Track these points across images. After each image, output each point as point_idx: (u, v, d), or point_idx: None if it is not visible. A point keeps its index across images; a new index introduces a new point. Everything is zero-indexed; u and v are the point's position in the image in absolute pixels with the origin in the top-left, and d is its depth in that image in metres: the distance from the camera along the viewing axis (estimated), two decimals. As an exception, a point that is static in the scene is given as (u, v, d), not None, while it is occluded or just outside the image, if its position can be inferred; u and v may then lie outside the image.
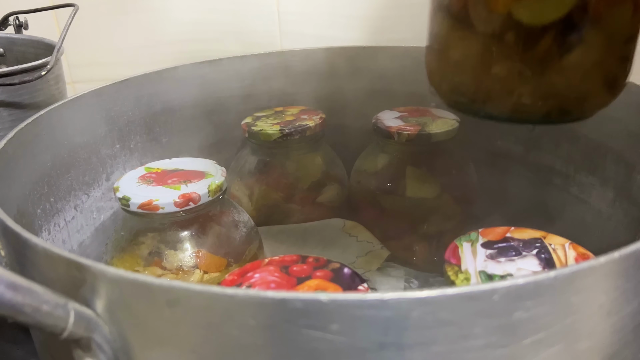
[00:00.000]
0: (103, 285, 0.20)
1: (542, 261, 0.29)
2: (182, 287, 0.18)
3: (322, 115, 0.50)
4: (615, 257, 0.19)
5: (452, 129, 0.45)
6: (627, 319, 0.21)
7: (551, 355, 0.20)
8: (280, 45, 0.73)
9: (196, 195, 0.35)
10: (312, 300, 0.17)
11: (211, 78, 0.52)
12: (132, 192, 0.35)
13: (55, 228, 0.39)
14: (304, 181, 0.48)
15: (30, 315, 0.18)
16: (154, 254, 0.36)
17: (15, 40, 0.57)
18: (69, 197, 0.41)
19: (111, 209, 0.46)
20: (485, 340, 0.19)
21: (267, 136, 0.46)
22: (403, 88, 0.55)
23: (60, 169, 0.40)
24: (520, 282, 0.18)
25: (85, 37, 0.71)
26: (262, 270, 0.29)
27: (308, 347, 0.18)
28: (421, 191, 0.46)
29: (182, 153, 0.52)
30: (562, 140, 0.46)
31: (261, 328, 0.18)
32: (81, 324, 0.20)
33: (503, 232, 0.32)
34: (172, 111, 0.51)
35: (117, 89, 0.46)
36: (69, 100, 0.41)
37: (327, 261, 0.29)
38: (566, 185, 0.46)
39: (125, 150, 0.47)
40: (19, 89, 0.43)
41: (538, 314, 0.19)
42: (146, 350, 0.21)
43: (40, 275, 0.23)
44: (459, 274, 0.28)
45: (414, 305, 0.18)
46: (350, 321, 0.18)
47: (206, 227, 0.37)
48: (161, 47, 0.72)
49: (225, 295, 0.18)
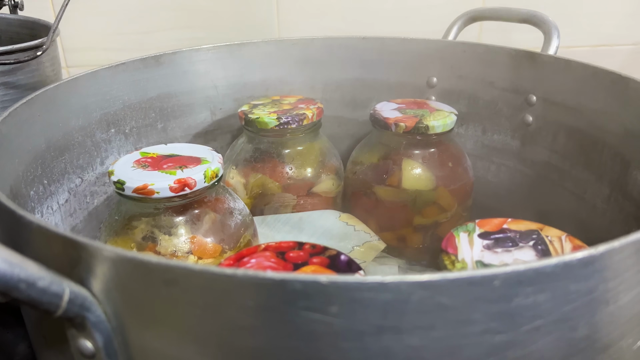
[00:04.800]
0: (99, 264, 0.20)
1: (539, 252, 0.29)
2: (180, 266, 0.18)
3: (319, 104, 0.49)
4: (615, 246, 0.19)
5: (449, 121, 0.45)
6: (624, 308, 0.21)
7: (549, 343, 0.20)
8: (278, 34, 0.73)
9: (192, 181, 0.35)
10: (312, 281, 0.17)
11: (208, 65, 0.52)
12: (127, 176, 0.35)
13: (48, 211, 0.38)
14: (299, 171, 0.48)
15: (24, 292, 0.18)
16: (147, 239, 0.36)
17: (10, 20, 0.56)
18: (63, 180, 0.40)
19: (105, 193, 0.46)
20: (484, 326, 0.19)
21: (264, 124, 0.46)
22: (401, 80, 0.55)
23: (55, 152, 0.39)
24: (521, 268, 0.18)
25: (81, 21, 0.70)
26: (258, 256, 0.28)
27: (306, 329, 0.18)
28: (417, 183, 0.46)
29: (178, 139, 0.52)
30: (559, 136, 0.46)
31: (259, 309, 0.18)
32: (76, 303, 0.19)
33: (500, 223, 0.32)
34: (169, 97, 0.50)
35: (114, 73, 0.45)
36: (64, 82, 0.40)
37: (324, 248, 0.29)
38: (562, 180, 0.46)
39: (120, 135, 0.47)
40: (14, 69, 0.42)
41: (537, 301, 0.19)
42: (142, 331, 0.21)
43: (35, 254, 0.22)
44: (456, 263, 0.28)
45: (414, 289, 0.18)
46: (349, 304, 0.18)
47: (201, 213, 0.37)
48: (157, 34, 0.72)
49: (224, 275, 0.18)
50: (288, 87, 0.56)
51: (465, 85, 0.53)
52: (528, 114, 0.48)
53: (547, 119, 0.47)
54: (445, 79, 0.54)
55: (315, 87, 0.56)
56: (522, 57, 0.48)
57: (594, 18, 0.76)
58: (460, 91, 0.53)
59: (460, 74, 0.53)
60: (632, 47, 0.78)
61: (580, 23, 0.76)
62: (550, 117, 0.47)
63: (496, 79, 0.50)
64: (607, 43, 0.78)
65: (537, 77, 0.47)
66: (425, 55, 0.54)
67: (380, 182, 0.47)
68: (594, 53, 0.78)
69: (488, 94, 0.51)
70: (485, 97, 0.51)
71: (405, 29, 0.73)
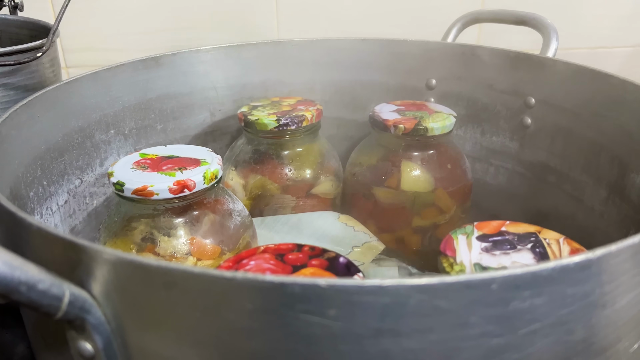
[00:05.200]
0: (99, 266, 0.20)
1: (537, 255, 0.29)
2: (179, 269, 0.18)
3: (318, 106, 0.49)
4: (612, 250, 0.19)
5: (448, 123, 0.45)
6: (621, 312, 0.21)
7: (546, 346, 0.20)
8: (277, 36, 0.73)
9: (191, 182, 0.35)
10: (311, 285, 0.17)
11: (208, 66, 0.52)
12: (127, 177, 0.35)
13: (47, 212, 0.38)
14: (299, 172, 0.48)
15: (24, 294, 0.18)
16: (147, 240, 0.36)
17: (10, 21, 0.56)
18: (62, 182, 0.41)
19: (104, 194, 0.46)
20: (482, 329, 0.19)
21: (263, 126, 0.46)
22: (400, 81, 0.55)
23: (54, 153, 0.39)
24: (519, 272, 0.18)
25: (81, 22, 0.70)
26: (257, 258, 0.29)
27: (305, 332, 0.18)
28: (416, 185, 0.46)
29: (177, 141, 0.52)
30: (557, 138, 0.46)
31: (258, 312, 0.18)
32: (76, 305, 0.19)
33: (498, 225, 0.32)
34: (168, 98, 0.50)
35: (113, 74, 0.45)
36: (64, 83, 0.40)
37: (323, 250, 0.29)
38: (560, 183, 0.46)
39: (120, 136, 0.47)
40: (14, 70, 0.42)
41: (535, 304, 0.19)
42: (141, 333, 0.21)
43: (35, 256, 0.22)
44: (454, 266, 0.28)
45: (412, 292, 0.18)
46: (348, 307, 0.18)
47: (200, 214, 0.37)
48: (157, 35, 0.72)
49: (223, 278, 0.18)
50: (287, 88, 0.56)
51: (464, 87, 0.53)
52: (527, 116, 0.48)
53: (546, 121, 0.47)
54: (444, 81, 0.54)
55: (314, 88, 0.56)
56: (520, 60, 0.48)
57: (592, 20, 0.76)
58: (459, 93, 0.53)
59: (459, 76, 0.53)
60: (631, 49, 0.78)
61: (579, 25, 0.76)
62: (548, 120, 0.47)
63: (495, 81, 0.50)
64: (605, 45, 0.78)
65: (536, 79, 0.47)
66: (424, 57, 0.54)
67: (379, 184, 0.47)
68: (593, 55, 0.78)
69: (487, 96, 0.51)
70: (484, 99, 0.52)
71: (404, 31, 0.73)
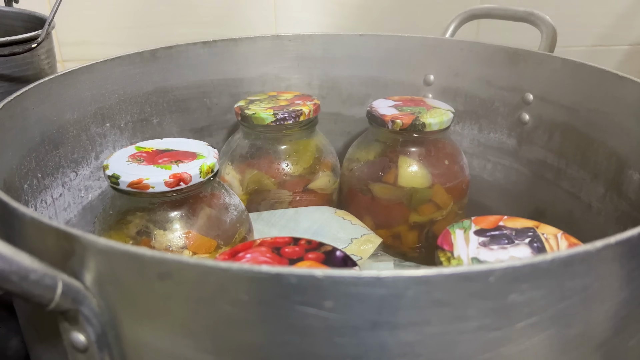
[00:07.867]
0: (93, 256, 0.19)
1: (535, 250, 0.29)
2: (174, 259, 0.18)
3: (316, 101, 0.49)
4: (611, 243, 0.19)
5: (446, 119, 0.45)
6: (619, 306, 0.21)
7: (543, 340, 0.20)
8: (275, 30, 0.73)
9: (187, 176, 0.34)
10: (307, 276, 0.17)
11: (205, 59, 0.52)
12: (122, 170, 0.35)
13: (42, 204, 0.38)
14: (296, 167, 0.48)
15: (16, 284, 0.18)
16: (142, 234, 0.35)
17: (5, 12, 0.56)
18: (57, 174, 0.40)
19: (99, 188, 0.45)
20: (479, 322, 0.19)
21: (260, 120, 0.46)
22: (398, 77, 0.55)
23: (49, 145, 0.39)
24: (517, 264, 0.18)
25: (77, 15, 0.69)
26: (253, 251, 0.28)
27: (301, 324, 0.18)
28: (413, 181, 0.46)
29: (173, 134, 0.51)
30: (555, 134, 0.46)
31: (254, 303, 0.18)
32: (69, 296, 0.19)
33: (496, 220, 0.32)
34: (164, 91, 0.50)
35: (109, 67, 0.45)
36: (60, 75, 0.40)
37: (319, 244, 0.29)
38: (557, 179, 0.46)
39: (115, 130, 0.46)
40: (9, 61, 0.42)
41: (533, 297, 0.19)
42: (135, 324, 0.20)
43: (28, 247, 0.22)
44: (452, 260, 0.28)
45: (409, 284, 0.18)
46: (344, 298, 0.18)
47: (196, 208, 0.37)
48: (153, 28, 0.71)
49: (219, 269, 0.18)
50: (285, 83, 0.56)
51: (462, 83, 0.53)
52: (524, 113, 0.48)
53: (544, 117, 0.47)
54: (442, 77, 0.54)
55: (312, 83, 0.56)
56: (519, 56, 0.48)
57: (591, 18, 0.76)
58: (457, 89, 0.53)
59: (457, 72, 0.53)
60: (629, 47, 0.78)
61: (578, 23, 0.76)
62: (546, 116, 0.47)
63: (493, 78, 0.50)
64: (604, 43, 0.78)
65: (534, 75, 0.47)
66: (422, 53, 0.54)
67: (377, 180, 0.47)
68: (591, 53, 0.78)
69: (485, 92, 0.51)
70: (482, 95, 0.51)
71: (402, 26, 0.73)
